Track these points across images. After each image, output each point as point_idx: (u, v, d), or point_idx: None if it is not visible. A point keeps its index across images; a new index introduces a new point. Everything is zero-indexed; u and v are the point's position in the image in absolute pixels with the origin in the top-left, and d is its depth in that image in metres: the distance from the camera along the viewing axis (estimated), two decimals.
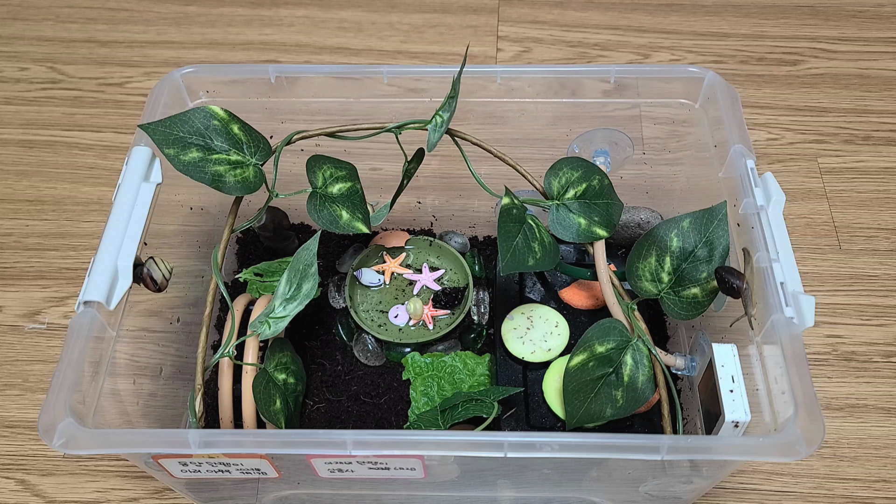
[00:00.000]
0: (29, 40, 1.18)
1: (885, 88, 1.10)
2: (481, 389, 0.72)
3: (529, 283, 0.82)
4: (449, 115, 0.65)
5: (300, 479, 0.66)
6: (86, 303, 0.60)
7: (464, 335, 0.81)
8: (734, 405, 0.59)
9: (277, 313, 0.66)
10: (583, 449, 0.54)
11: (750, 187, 0.65)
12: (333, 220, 0.66)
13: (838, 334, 0.87)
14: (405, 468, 0.61)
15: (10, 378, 0.85)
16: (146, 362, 0.73)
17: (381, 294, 0.84)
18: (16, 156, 1.04)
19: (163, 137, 0.63)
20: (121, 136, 1.06)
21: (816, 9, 1.21)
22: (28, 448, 0.80)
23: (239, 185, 0.64)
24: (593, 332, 0.64)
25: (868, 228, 0.96)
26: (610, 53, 1.16)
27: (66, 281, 0.92)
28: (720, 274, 0.60)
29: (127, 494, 0.78)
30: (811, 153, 1.03)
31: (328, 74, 0.75)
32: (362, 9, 1.22)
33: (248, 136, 0.65)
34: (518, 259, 0.64)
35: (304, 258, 0.66)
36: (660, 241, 0.64)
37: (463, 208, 0.90)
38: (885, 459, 0.79)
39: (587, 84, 0.76)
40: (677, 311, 0.64)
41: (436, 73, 0.75)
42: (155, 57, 1.16)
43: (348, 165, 0.68)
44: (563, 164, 0.68)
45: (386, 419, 0.77)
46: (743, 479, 0.78)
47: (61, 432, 0.54)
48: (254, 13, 1.22)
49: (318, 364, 0.81)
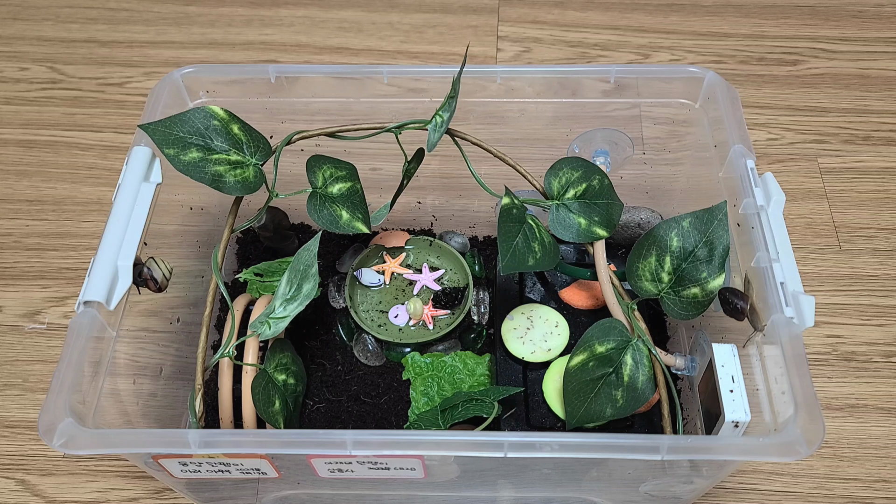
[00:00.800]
0: (29, 40, 1.18)
1: (885, 88, 1.10)
2: (481, 389, 0.72)
3: (529, 283, 0.82)
4: (449, 115, 0.65)
5: (300, 479, 0.66)
6: (86, 303, 0.60)
7: (464, 335, 0.81)
8: (734, 405, 0.59)
9: (278, 314, 0.66)
10: (583, 449, 0.54)
11: (750, 187, 0.65)
12: (333, 220, 0.66)
13: (838, 334, 0.87)
14: (405, 468, 0.61)
15: (10, 378, 0.85)
16: (146, 362, 0.73)
17: (381, 294, 0.84)
18: (16, 156, 1.04)
19: (163, 137, 0.63)
20: (121, 136, 1.06)
21: (816, 9, 1.21)
22: (28, 448, 0.80)
23: (239, 185, 0.64)
24: (593, 332, 0.64)
25: (868, 228, 0.96)
26: (610, 53, 1.16)
27: (66, 281, 0.92)
28: (724, 295, 0.59)
29: (127, 494, 0.78)
30: (811, 153, 1.03)
31: (328, 74, 0.75)
32: (362, 9, 1.22)
33: (248, 136, 0.65)
34: (518, 259, 0.64)
35: (305, 258, 0.66)
36: (660, 241, 0.64)
37: (463, 208, 0.90)
38: (885, 459, 0.79)
39: (587, 84, 0.76)
40: (677, 310, 0.64)
41: (436, 73, 0.75)
42: (155, 57, 1.16)
43: (348, 165, 0.68)
44: (562, 164, 0.68)
45: (386, 419, 0.77)
46: (743, 479, 0.78)
47: (61, 432, 0.54)
48: (254, 13, 1.22)
49: (318, 364, 0.81)
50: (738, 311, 0.58)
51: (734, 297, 0.58)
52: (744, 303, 0.58)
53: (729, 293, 0.59)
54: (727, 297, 0.59)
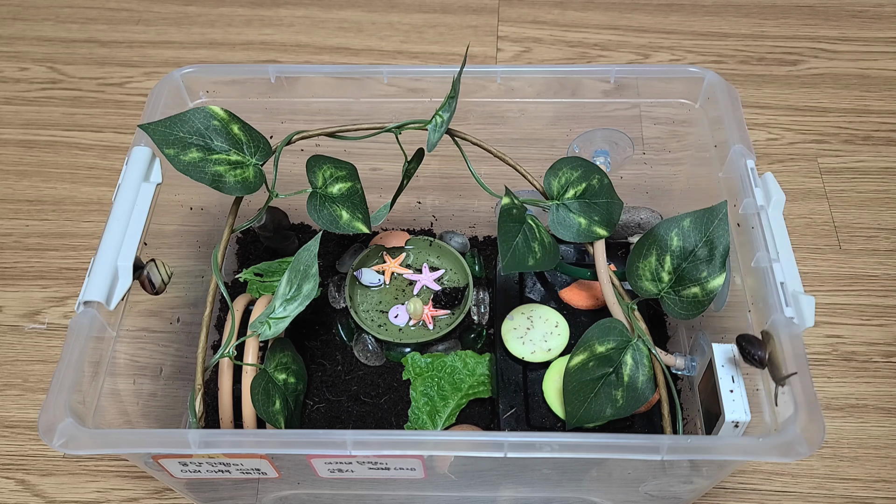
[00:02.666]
0: (29, 40, 1.18)
1: (885, 88, 1.10)
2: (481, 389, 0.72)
3: (529, 283, 0.82)
4: (449, 115, 0.65)
5: (300, 479, 0.66)
6: (86, 303, 0.60)
7: (464, 335, 0.81)
8: (734, 405, 0.59)
9: (278, 314, 0.66)
10: (583, 449, 0.54)
11: (750, 187, 0.65)
12: (333, 221, 0.66)
13: (838, 334, 0.87)
14: (405, 468, 0.61)
15: (10, 378, 0.85)
16: (146, 362, 0.73)
17: (381, 294, 0.84)
18: (16, 156, 1.04)
19: (163, 137, 0.63)
20: (121, 136, 1.06)
21: (816, 9, 1.21)
22: (28, 448, 0.80)
23: (239, 186, 0.64)
24: (593, 332, 0.64)
25: (868, 228, 0.96)
26: (610, 53, 1.16)
27: (66, 281, 0.92)
28: (741, 344, 0.58)
29: (127, 494, 0.78)
30: (811, 153, 1.03)
31: (328, 74, 0.75)
32: (362, 9, 1.22)
33: (248, 136, 0.65)
34: (518, 259, 0.64)
35: (305, 259, 0.66)
36: (660, 241, 0.64)
37: (463, 208, 0.90)
38: (885, 459, 0.79)
39: (587, 84, 0.76)
40: (677, 310, 0.64)
41: (436, 73, 0.75)
42: (155, 57, 1.16)
43: (348, 165, 0.68)
44: (562, 163, 0.68)
45: (386, 419, 0.77)
46: (743, 479, 0.78)
47: (61, 432, 0.54)
48: (254, 13, 1.22)
49: (318, 364, 0.81)
50: (758, 361, 0.57)
51: (751, 345, 0.57)
52: (762, 352, 0.57)
53: (745, 342, 0.58)
54: (744, 346, 0.57)
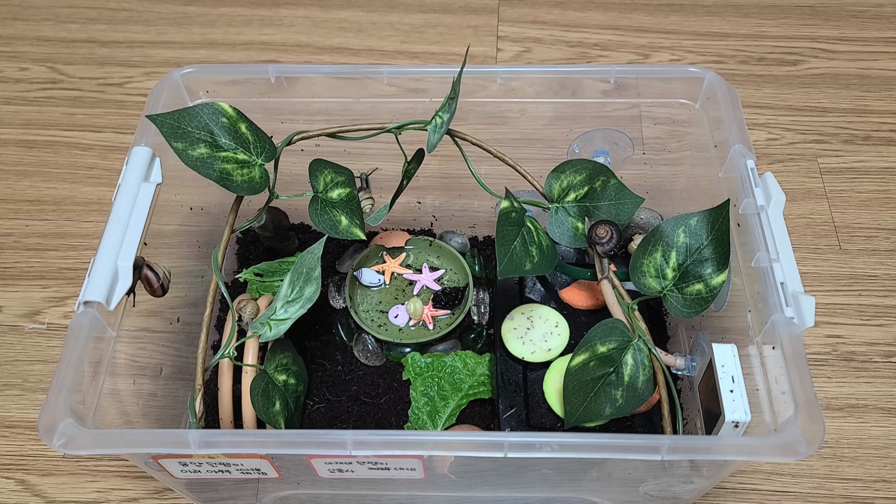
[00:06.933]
0: (29, 40, 1.18)
1: (885, 88, 1.10)
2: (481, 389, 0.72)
3: (529, 283, 0.82)
4: (449, 115, 0.65)
5: (300, 480, 0.66)
6: (86, 303, 0.60)
7: (464, 335, 0.81)
8: (734, 405, 0.59)
9: (279, 315, 0.66)
10: (583, 449, 0.54)
11: (750, 187, 0.65)
12: (333, 225, 0.66)
13: (838, 334, 0.87)
14: (405, 468, 0.61)
15: (10, 378, 0.85)
16: (146, 362, 0.73)
17: (381, 294, 0.84)
18: (16, 156, 1.04)
19: (171, 130, 0.62)
20: (121, 136, 1.06)
21: (816, 9, 1.21)
22: (28, 448, 0.80)
23: (245, 185, 0.64)
24: (596, 332, 0.64)
25: (868, 228, 0.96)
26: (610, 53, 1.16)
27: (66, 281, 0.92)
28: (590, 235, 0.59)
29: (127, 494, 0.78)
30: (811, 153, 1.03)
31: (328, 74, 0.75)
32: (362, 9, 1.22)
33: (255, 135, 0.65)
34: (515, 263, 0.64)
35: (308, 262, 0.66)
36: (666, 237, 0.64)
37: (463, 208, 0.90)
38: (885, 459, 0.79)
39: (587, 84, 0.76)
40: (679, 307, 0.64)
41: (436, 73, 0.75)
42: (155, 57, 1.16)
43: (346, 171, 0.68)
44: (566, 166, 0.68)
45: (386, 419, 0.77)
46: (743, 479, 0.78)
47: (61, 432, 0.54)
48: (254, 13, 1.22)
49: (318, 364, 0.81)
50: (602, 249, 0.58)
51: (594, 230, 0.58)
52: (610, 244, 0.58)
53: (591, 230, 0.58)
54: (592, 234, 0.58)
